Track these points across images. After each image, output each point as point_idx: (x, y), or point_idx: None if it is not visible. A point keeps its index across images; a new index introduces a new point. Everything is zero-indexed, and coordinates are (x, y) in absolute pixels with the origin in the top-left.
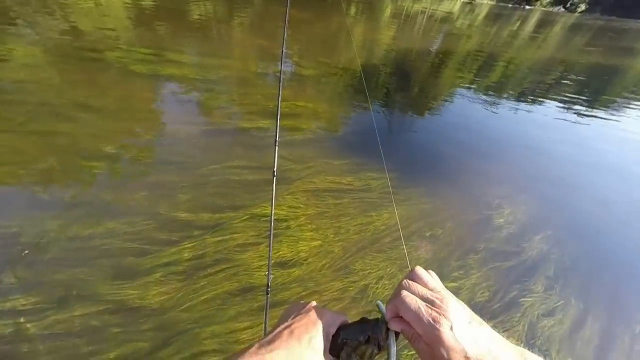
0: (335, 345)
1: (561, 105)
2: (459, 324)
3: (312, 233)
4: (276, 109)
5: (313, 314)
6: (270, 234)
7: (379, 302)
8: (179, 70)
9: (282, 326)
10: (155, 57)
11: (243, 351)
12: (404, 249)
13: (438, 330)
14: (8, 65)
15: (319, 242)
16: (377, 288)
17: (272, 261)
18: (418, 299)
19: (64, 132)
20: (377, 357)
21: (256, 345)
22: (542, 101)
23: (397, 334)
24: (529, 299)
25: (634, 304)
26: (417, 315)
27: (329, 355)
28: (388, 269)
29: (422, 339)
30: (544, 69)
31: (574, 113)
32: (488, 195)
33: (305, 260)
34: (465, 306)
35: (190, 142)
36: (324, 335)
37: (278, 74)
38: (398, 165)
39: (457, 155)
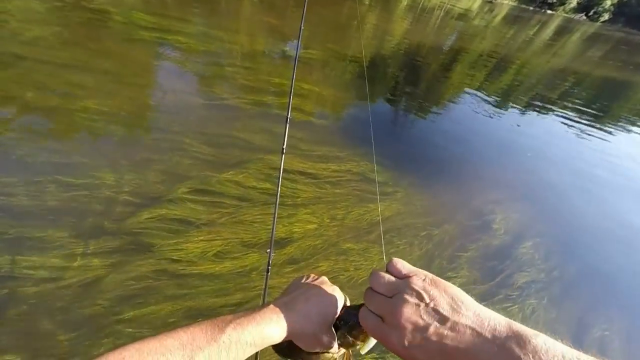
0: (336, 326)
1: (567, 117)
2: (413, 307)
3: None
4: (289, 86)
5: (327, 287)
6: (274, 212)
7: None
8: (185, 39)
9: (298, 291)
10: (161, 24)
11: (260, 307)
12: (382, 246)
13: (389, 340)
14: (11, 18)
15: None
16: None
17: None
18: (380, 292)
19: (63, 89)
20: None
21: (274, 303)
22: (548, 111)
23: None
24: (511, 306)
25: (615, 318)
26: (378, 304)
27: (332, 329)
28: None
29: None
30: (556, 78)
31: (578, 126)
32: (482, 200)
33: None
34: (431, 285)
35: (191, 112)
36: (333, 310)
37: (286, 53)
38: (390, 161)
39: (456, 157)
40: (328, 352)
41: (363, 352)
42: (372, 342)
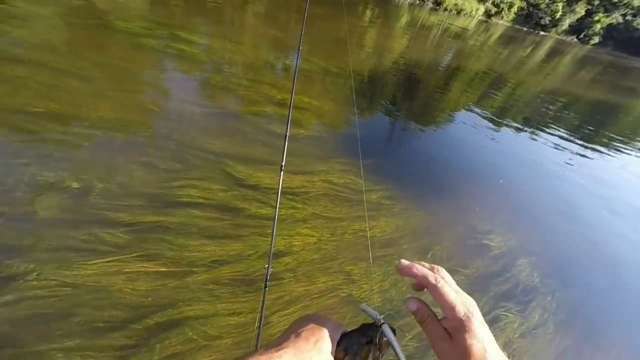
0: (338, 352)
1: (559, 137)
2: (485, 325)
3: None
4: (289, 103)
5: (318, 320)
6: (273, 227)
7: (363, 305)
8: (189, 48)
9: (289, 332)
10: (166, 33)
11: (250, 354)
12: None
13: (472, 322)
14: (14, 23)
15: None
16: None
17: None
18: (452, 291)
19: (65, 96)
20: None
21: (264, 348)
22: (540, 132)
23: (393, 330)
24: (507, 322)
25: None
26: (452, 304)
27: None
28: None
29: (433, 320)
30: (548, 99)
31: (569, 146)
32: (475, 218)
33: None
34: None
35: (193, 121)
36: (328, 341)
37: (288, 66)
38: (384, 176)
39: (449, 174)
40: None
41: None
42: (400, 352)
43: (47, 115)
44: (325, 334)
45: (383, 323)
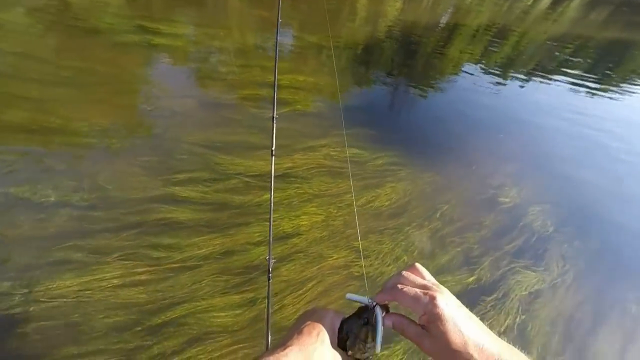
0: (341, 338)
1: (572, 82)
2: (454, 304)
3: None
4: (273, 84)
5: (317, 314)
6: (270, 218)
7: (349, 295)
8: (173, 41)
9: (292, 330)
10: (148, 27)
11: (260, 356)
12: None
13: (436, 305)
14: None
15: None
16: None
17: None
18: (414, 287)
19: (51, 107)
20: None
21: (270, 350)
22: (552, 78)
23: (387, 308)
24: (524, 276)
25: (630, 286)
26: (415, 298)
27: (338, 348)
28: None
29: (410, 324)
30: (558, 44)
31: (585, 91)
32: (490, 173)
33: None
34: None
35: (186, 115)
36: (330, 330)
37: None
38: (389, 141)
39: (453, 134)
40: None
41: (378, 349)
42: (380, 335)
43: (34, 130)
44: (325, 325)
45: (375, 305)
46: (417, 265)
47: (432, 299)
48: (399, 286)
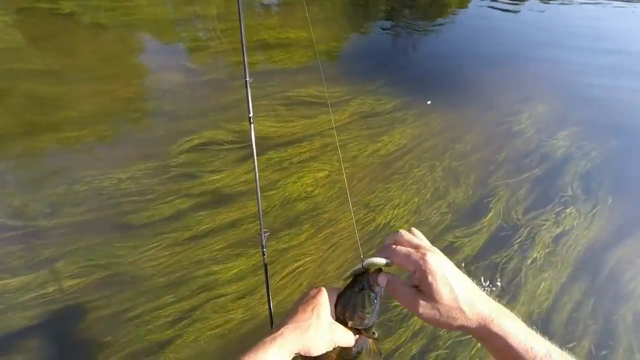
0: (338, 310)
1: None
2: (447, 264)
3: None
4: (240, 43)
5: (312, 292)
6: (257, 189)
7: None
8: (151, 13)
9: (289, 311)
10: (119, 4)
11: (259, 341)
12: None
13: (427, 262)
14: None
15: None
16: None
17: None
18: (407, 247)
19: (38, 101)
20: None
21: (268, 332)
22: None
23: (379, 270)
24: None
25: None
26: (406, 255)
27: (336, 322)
28: None
29: (401, 284)
30: None
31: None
32: (508, 101)
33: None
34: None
35: (176, 91)
36: (325, 305)
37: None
38: (397, 84)
39: (466, 68)
40: (351, 348)
41: (374, 316)
42: (376, 301)
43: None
44: (320, 300)
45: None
46: (414, 229)
47: (423, 255)
48: (392, 245)
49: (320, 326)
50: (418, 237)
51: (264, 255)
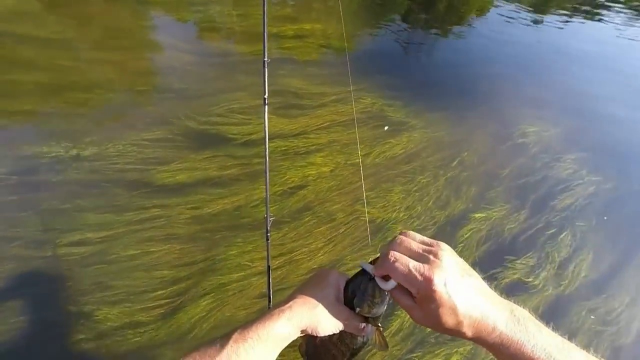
0: (347, 296)
1: (618, 21)
2: (452, 278)
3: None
4: (262, 22)
5: (322, 272)
6: (266, 172)
7: (362, 262)
8: None
9: (297, 289)
10: None
11: (266, 311)
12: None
13: (431, 289)
14: None
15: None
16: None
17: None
18: (407, 259)
19: (49, 66)
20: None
21: (274, 305)
22: (598, 16)
23: None
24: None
25: None
26: (407, 276)
27: (343, 306)
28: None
29: (407, 295)
30: None
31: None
32: (519, 117)
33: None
34: (459, 257)
35: (186, 70)
36: (335, 287)
37: None
38: (408, 89)
39: (479, 77)
40: (356, 336)
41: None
42: (387, 293)
43: (38, 89)
44: (329, 280)
45: (374, 276)
46: (410, 232)
47: (428, 281)
48: (391, 259)
49: (329, 305)
50: (422, 239)
51: (267, 239)
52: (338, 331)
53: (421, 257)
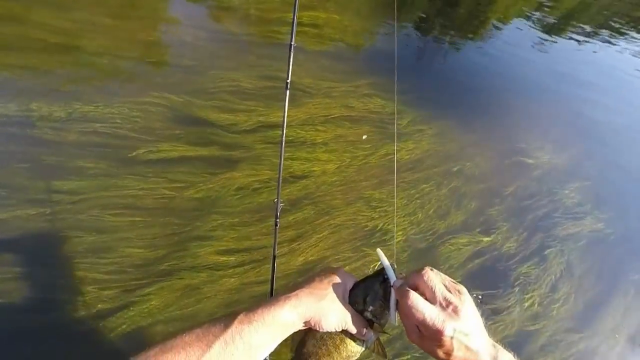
0: (357, 298)
1: (633, 49)
2: (461, 332)
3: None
4: (293, 8)
5: (330, 268)
6: (280, 156)
7: (379, 250)
8: None
9: (303, 280)
10: None
11: (273, 297)
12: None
13: (439, 338)
14: None
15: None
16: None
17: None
18: (425, 307)
19: (57, 29)
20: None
21: (281, 292)
22: (612, 43)
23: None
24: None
25: None
26: (421, 322)
27: (348, 305)
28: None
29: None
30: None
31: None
32: (522, 138)
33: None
34: (474, 308)
35: (199, 46)
36: (342, 285)
37: None
38: (417, 96)
39: (488, 93)
40: (357, 339)
41: (394, 321)
42: (393, 308)
43: (48, 47)
44: (337, 276)
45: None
46: (438, 274)
47: (439, 332)
48: (409, 301)
49: (336, 301)
50: (441, 282)
51: (276, 225)
52: (341, 329)
53: (440, 305)
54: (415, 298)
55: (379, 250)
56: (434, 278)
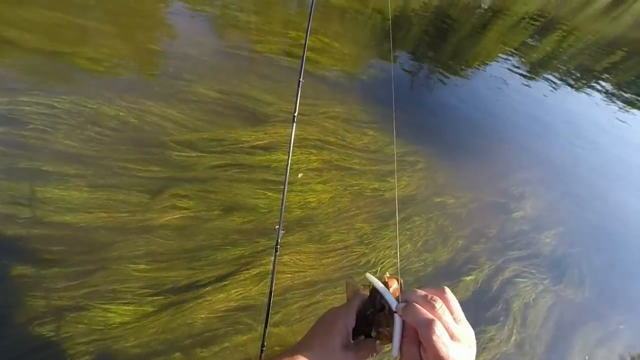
0: (362, 328)
1: (604, 94)
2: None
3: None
4: (303, 46)
5: (329, 315)
6: (285, 184)
7: (369, 274)
8: None
9: (307, 337)
10: None
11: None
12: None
13: None
14: None
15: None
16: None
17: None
18: (441, 338)
19: (63, 34)
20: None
21: (288, 353)
22: (588, 87)
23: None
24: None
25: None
26: (431, 341)
27: (347, 350)
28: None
29: (412, 345)
30: (607, 48)
31: (619, 109)
32: (504, 181)
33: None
34: (474, 341)
35: (200, 60)
36: (343, 330)
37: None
38: (411, 129)
39: (481, 129)
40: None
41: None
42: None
43: (46, 53)
44: (338, 327)
45: (395, 311)
46: (448, 293)
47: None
48: (437, 338)
49: (334, 355)
50: (452, 314)
51: (276, 251)
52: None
53: (453, 336)
54: (442, 332)
55: (369, 274)
56: (443, 314)
